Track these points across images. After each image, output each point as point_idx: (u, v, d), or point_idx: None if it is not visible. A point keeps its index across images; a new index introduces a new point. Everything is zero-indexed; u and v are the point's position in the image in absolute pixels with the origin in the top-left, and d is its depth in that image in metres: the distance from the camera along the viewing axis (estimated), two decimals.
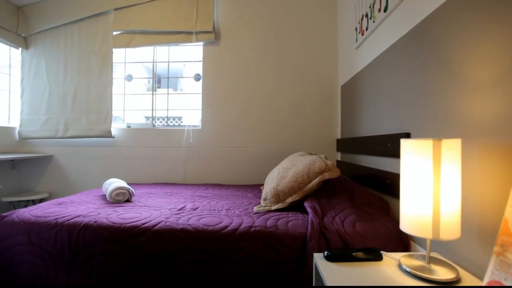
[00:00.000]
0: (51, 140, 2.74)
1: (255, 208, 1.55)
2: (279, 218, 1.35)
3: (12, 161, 2.62)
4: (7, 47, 2.70)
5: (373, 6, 1.64)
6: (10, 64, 2.75)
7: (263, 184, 2.32)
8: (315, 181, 1.49)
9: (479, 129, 0.84)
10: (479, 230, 0.83)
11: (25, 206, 2.40)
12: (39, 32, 2.74)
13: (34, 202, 2.52)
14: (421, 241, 1.13)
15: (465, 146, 0.88)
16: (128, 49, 2.76)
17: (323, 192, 1.55)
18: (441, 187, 0.73)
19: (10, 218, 1.38)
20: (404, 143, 0.82)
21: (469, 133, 0.88)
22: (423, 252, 1.05)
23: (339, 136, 2.48)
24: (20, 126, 2.75)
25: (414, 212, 0.78)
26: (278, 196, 1.54)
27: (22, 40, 2.74)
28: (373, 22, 1.65)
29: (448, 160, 0.74)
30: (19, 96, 2.76)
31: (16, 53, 2.78)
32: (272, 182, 1.64)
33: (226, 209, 1.55)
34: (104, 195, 1.89)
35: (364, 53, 1.86)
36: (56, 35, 2.73)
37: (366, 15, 1.77)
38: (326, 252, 0.92)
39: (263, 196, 1.64)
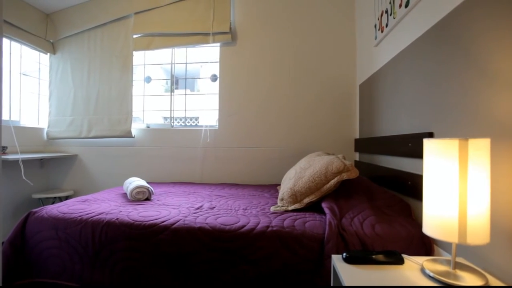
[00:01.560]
0: (76, 140, 2.87)
1: (272, 208, 1.55)
2: (296, 219, 1.34)
3: (41, 160, 2.77)
4: (37, 52, 2.86)
5: (394, 2, 1.59)
6: (39, 68, 2.91)
7: (280, 184, 2.31)
8: (333, 182, 1.47)
9: (510, 128, 0.79)
10: (511, 235, 0.78)
11: (53, 203, 2.53)
12: (65, 38, 2.88)
13: (60, 199, 2.66)
14: (445, 245, 1.09)
15: (494, 147, 0.83)
16: (147, 52, 2.85)
17: (341, 193, 1.52)
18: (468, 189, 0.70)
19: (40, 214, 1.46)
20: (427, 143, 0.79)
21: (499, 132, 0.83)
22: (447, 256, 1.00)
23: (357, 136, 2.43)
24: (48, 127, 2.90)
25: (438, 215, 0.75)
26: (295, 196, 1.53)
27: (50, 46, 2.89)
28: (394, 18, 1.60)
29: (476, 161, 0.70)
30: (47, 99, 2.92)
31: (45, 58, 2.94)
32: (289, 182, 1.63)
33: (243, 209, 1.56)
34: (125, 193, 1.96)
35: (384, 51, 1.81)
36: (81, 40, 2.86)
37: (386, 12, 1.71)
38: (344, 254, 0.90)
39: (280, 196, 1.64)
